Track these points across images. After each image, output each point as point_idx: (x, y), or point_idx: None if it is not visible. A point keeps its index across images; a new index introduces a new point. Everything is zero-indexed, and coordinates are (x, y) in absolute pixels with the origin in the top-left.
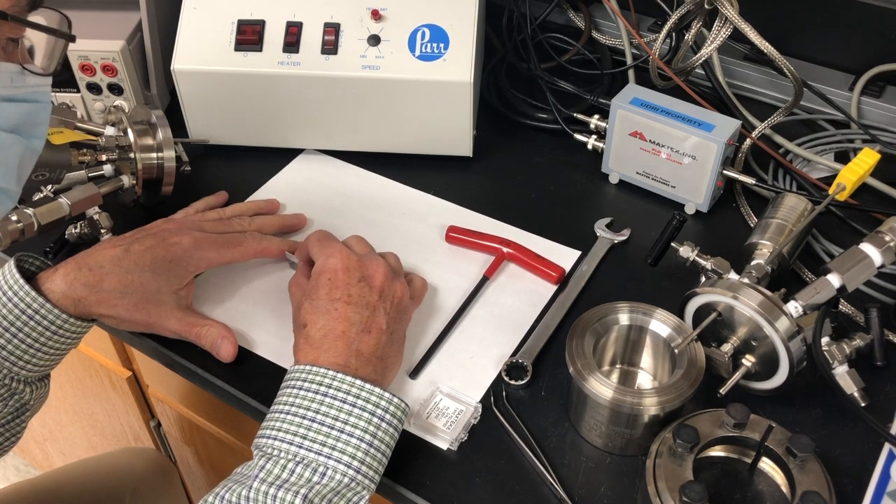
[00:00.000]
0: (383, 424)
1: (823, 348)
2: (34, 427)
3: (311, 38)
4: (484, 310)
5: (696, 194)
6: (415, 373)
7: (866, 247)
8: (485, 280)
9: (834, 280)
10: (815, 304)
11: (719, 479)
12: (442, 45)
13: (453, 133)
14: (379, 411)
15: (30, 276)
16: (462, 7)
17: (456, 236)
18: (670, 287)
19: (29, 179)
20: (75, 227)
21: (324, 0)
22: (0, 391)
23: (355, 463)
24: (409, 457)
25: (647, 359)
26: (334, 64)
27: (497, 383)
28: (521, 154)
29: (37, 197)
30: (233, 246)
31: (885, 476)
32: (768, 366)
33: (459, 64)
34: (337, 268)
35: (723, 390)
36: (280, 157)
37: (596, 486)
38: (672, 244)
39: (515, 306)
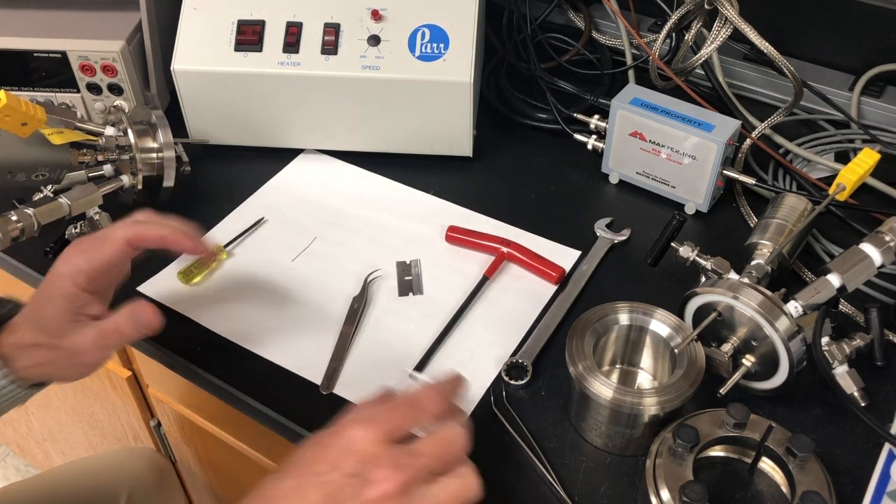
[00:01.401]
0: None
1: (823, 348)
2: (34, 427)
3: (311, 38)
4: (484, 310)
5: (696, 194)
6: (415, 372)
7: (866, 247)
8: (485, 280)
9: (834, 280)
10: (815, 304)
11: (719, 479)
12: (442, 46)
13: (453, 133)
14: None
15: None
16: (462, 7)
17: (456, 236)
18: (670, 287)
19: (29, 179)
20: (75, 227)
21: (324, 0)
22: None
23: None
24: None
25: (647, 359)
26: (334, 64)
27: (497, 383)
28: (521, 154)
29: (37, 197)
30: (99, 243)
31: (885, 476)
32: (768, 366)
33: (459, 64)
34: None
35: (723, 390)
36: (280, 157)
37: (596, 486)
38: (672, 244)
39: (515, 306)
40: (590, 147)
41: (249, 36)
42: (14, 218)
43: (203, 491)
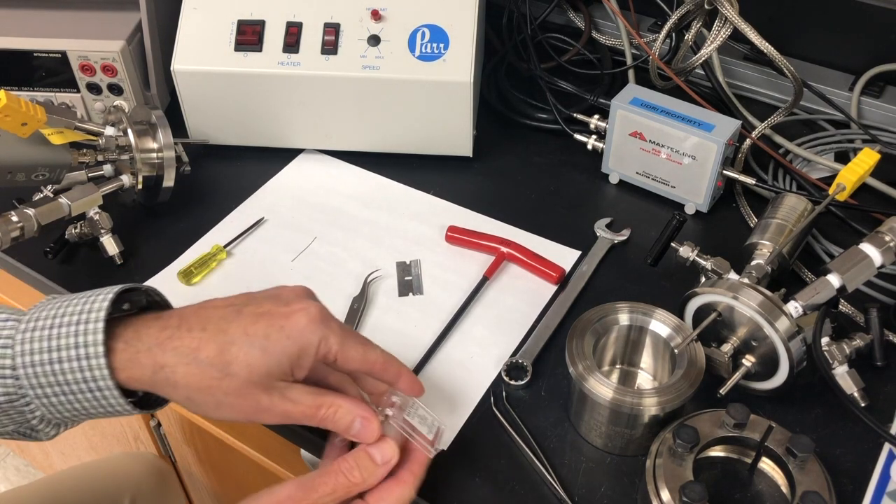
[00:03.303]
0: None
1: (823, 348)
2: None
3: (311, 38)
4: (484, 310)
5: (696, 194)
6: (415, 373)
7: (866, 247)
8: (485, 280)
9: (834, 280)
10: (815, 304)
11: (719, 479)
12: (442, 46)
13: (453, 133)
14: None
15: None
16: (462, 7)
17: (456, 236)
18: (670, 287)
19: (29, 179)
20: (75, 227)
21: (324, 0)
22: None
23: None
24: None
25: (647, 359)
26: (334, 64)
27: (497, 383)
28: (521, 154)
29: (37, 197)
30: (359, 347)
31: (885, 476)
32: (768, 366)
33: (459, 64)
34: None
35: (723, 390)
36: (280, 157)
37: (596, 486)
38: (672, 244)
39: (515, 306)
40: (590, 147)
41: (249, 36)
42: (14, 218)
43: (203, 492)
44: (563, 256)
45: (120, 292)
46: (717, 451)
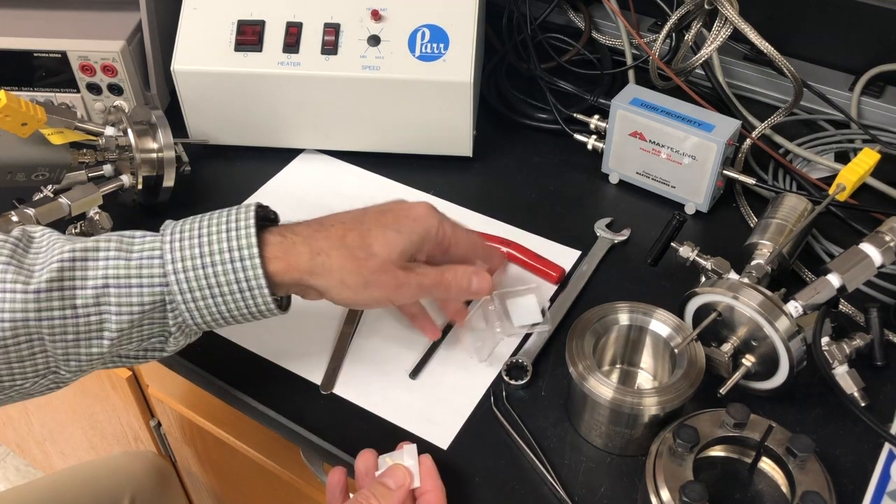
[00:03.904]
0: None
1: (823, 348)
2: (34, 427)
3: (311, 38)
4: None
5: (696, 194)
6: (415, 373)
7: (866, 247)
8: None
9: (834, 280)
10: (815, 304)
11: (719, 479)
12: (442, 46)
13: (453, 133)
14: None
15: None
16: (462, 7)
17: None
18: (670, 287)
19: (29, 179)
20: (75, 227)
21: (324, 0)
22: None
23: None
24: None
25: (647, 359)
26: (334, 64)
27: (497, 383)
28: (521, 154)
29: (37, 197)
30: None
31: (885, 476)
32: (768, 366)
33: (459, 64)
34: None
35: (723, 390)
36: (280, 157)
37: (596, 486)
38: (672, 244)
39: None
40: (590, 147)
41: (249, 36)
42: (14, 218)
43: (203, 492)
44: (563, 256)
45: (258, 205)
46: (717, 451)
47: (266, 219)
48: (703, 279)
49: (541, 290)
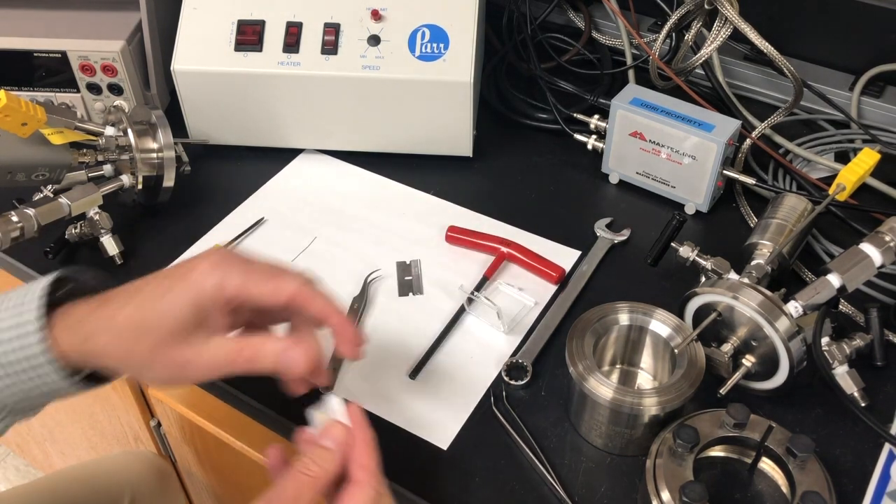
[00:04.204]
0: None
1: (823, 348)
2: (34, 427)
3: (311, 38)
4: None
5: (696, 194)
6: (415, 373)
7: (866, 247)
8: (485, 280)
9: (834, 280)
10: (815, 304)
11: (719, 479)
12: (442, 46)
13: (453, 133)
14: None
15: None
16: (462, 7)
17: (456, 236)
18: (670, 287)
19: (29, 179)
20: (75, 227)
21: (324, 0)
22: None
23: None
24: (408, 456)
25: (647, 359)
26: (334, 64)
27: (497, 383)
28: (521, 154)
29: (37, 197)
30: (264, 276)
31: (885, 476)
32: (768, 366)
33: (459, 64)
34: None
35: (723, 390)
36: (280, 157)
37: (596, 486)
38: (672, 244)
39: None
40: (590, 147)
41: (249, 36)
42: (14, 218)
43: (203, 492)
44: (563, 256)
45: (59, 277)
46: (717, 451)
47: (83, 281)
48: (703, 279)
49: (541, 290)
